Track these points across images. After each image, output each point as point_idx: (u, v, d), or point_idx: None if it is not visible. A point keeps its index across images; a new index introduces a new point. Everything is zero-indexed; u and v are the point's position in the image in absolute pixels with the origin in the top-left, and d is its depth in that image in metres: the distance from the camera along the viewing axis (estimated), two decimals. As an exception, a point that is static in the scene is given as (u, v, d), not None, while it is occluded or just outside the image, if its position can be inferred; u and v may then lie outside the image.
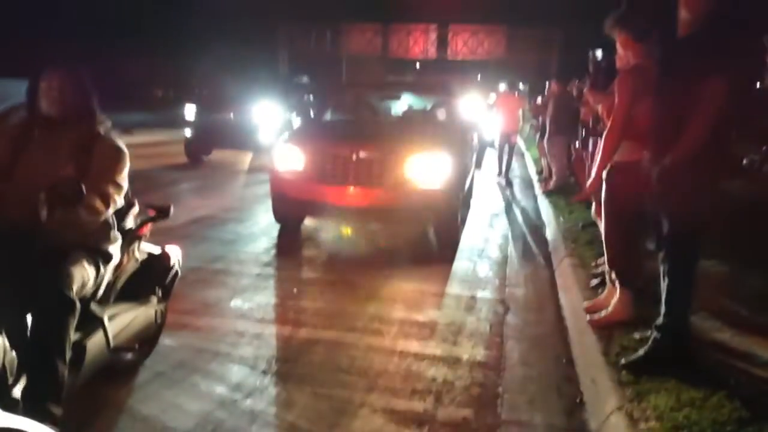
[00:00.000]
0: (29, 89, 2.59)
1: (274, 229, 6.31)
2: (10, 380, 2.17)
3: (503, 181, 10.72)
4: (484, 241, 6.49)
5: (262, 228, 6.55)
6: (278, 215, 6.12)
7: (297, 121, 10.85)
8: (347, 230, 6.53)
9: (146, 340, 3.11)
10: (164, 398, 2.92)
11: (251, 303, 4.30)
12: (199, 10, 24.30)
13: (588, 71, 6.29)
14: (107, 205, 2.53)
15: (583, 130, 5.35)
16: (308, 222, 6.60)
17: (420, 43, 29.56)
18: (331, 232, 6.58)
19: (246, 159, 12.47)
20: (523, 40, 24.93)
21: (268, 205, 6.33)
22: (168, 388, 3.02)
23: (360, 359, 3.45)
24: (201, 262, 5.07)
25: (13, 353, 2.18)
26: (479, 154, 10.46)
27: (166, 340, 3.36)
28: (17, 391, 2.18)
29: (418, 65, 29.81)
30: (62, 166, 2.48)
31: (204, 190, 9.13)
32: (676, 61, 2.89)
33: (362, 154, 5.50)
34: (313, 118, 7.42)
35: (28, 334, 2.23)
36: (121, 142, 2.72)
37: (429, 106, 7.57)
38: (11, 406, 2.07)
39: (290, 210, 6.00)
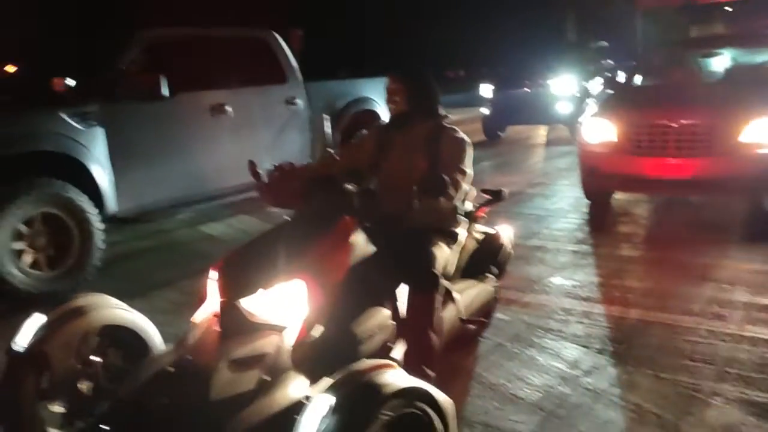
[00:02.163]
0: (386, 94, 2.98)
1: (583, 204, 6.19)
2: (390, 345, 2.57)
3: None
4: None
5: (570, 203, 6.50)
6: (589, 190, 5.98)
7: (599, 90, 10.43)
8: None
9: (485, 313, 3.36)
10: (507, 369, 3.13)
11: (573, 281, 4.32)
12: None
13: None
14: (457, 191, 2.78)
15: None
16: (618, 196, 6.33)
17: (731, -20, 25.61)
18: (645, 206, 6.23)
19: (539, 133, 12.44)
20: None
21: (572, 179, 6.22)
22: (508, 359, 3.23)
23: (702, 345, 3.24)
24: (517, 239, 5.20)
25: (392, 323, 2.57)
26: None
27: (498, 314, 3.59)
28: (394, 354, 2.56)
29: (727, 8, 25.95)
30: (417, 159, 2.81)
31: (505, 166, 9.36)
32: None
33: (685, 121, 5.05)
34: (622, 85, 7.03)
35: (402, 307, 2.59)
36: (463, 134, 2.96)
37: (760, 60, 6.57)
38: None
39: (602, 185, 5.80)
